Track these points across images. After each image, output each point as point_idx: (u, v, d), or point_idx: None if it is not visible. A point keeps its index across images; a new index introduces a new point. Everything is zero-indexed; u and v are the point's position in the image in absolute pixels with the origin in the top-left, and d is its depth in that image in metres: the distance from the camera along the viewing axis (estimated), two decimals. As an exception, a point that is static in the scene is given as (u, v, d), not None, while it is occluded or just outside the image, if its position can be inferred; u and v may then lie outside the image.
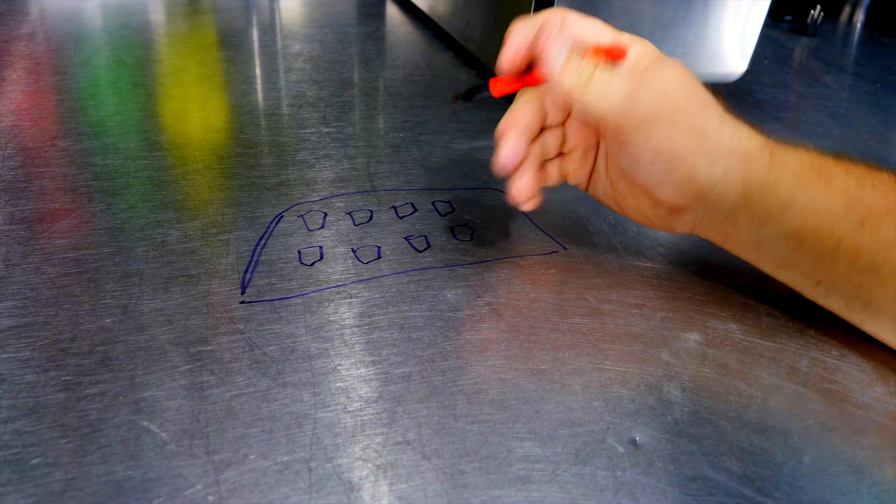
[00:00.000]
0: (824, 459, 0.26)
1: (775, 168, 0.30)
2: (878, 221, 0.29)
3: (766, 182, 0.30)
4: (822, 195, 0.29)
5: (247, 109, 0.54)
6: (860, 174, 0.30)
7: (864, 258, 0.29)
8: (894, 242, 0.28)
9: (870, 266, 0.29)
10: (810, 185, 0.30)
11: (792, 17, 0.94)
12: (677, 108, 0.30)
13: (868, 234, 0.29)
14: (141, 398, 0.26)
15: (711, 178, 0.30)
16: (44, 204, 0.39)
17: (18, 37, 0.66)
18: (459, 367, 0.29)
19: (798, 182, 0.30)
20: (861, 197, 0.29)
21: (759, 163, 0.30)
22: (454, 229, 0.39)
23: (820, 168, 0.30)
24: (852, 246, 0.29)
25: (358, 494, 0.23)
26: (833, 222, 0.29)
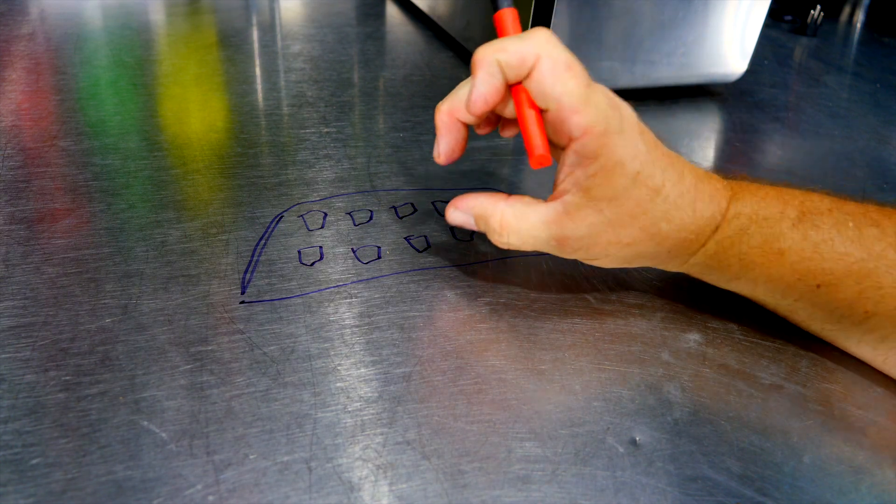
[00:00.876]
0: (824, 459, 0.26)
1: (719, 255, 0.30)
2: (836, 284, 0.28)
3: (708, 267, 0.31)
4: (771, 270, 0.29)
5: (247, 109, 0.54)
6: (819, 237, 0.28)
7: (822, 313, 0.30)
8: (854, 299, 0.28)
9: (830, 318, 0.30)
10: (756, 264, 0.29)
11: (792, 17, 0.94)
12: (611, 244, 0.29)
13: (825, 296, 0.29)
14: (141, 398, 0.26)
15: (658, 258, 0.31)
16: (44, 204, 0.39)
17: (18, 37, 0.66)
18: (459, 367, 0.29)
19: (743, 264, 0.30)
20: (817, 265, 0.28)
21: (701, 255, 0.30)
22: (454, 229, 0.39)
23: (771, 245, 0.29)
24: (810, 304, 0.30)
25: (358, 494, 0.23)
26: (785, 288, 0.30)
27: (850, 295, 0.28)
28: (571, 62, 0.28)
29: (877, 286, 0.28)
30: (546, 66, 0.28)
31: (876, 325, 0.29)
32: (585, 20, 0.53)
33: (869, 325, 0.29)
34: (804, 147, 0.55)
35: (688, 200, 0.29)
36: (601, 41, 0.55)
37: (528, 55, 0.28)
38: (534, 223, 0.30)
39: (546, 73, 0.28)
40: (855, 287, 0.28)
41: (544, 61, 0.28)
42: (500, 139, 0.51)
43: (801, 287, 0.29)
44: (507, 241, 0.31)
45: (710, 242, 0.30)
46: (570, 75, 0.28)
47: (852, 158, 0.54)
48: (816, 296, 0.29)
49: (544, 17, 0.53)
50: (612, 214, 0.28)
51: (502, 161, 0.48)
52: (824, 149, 0.55)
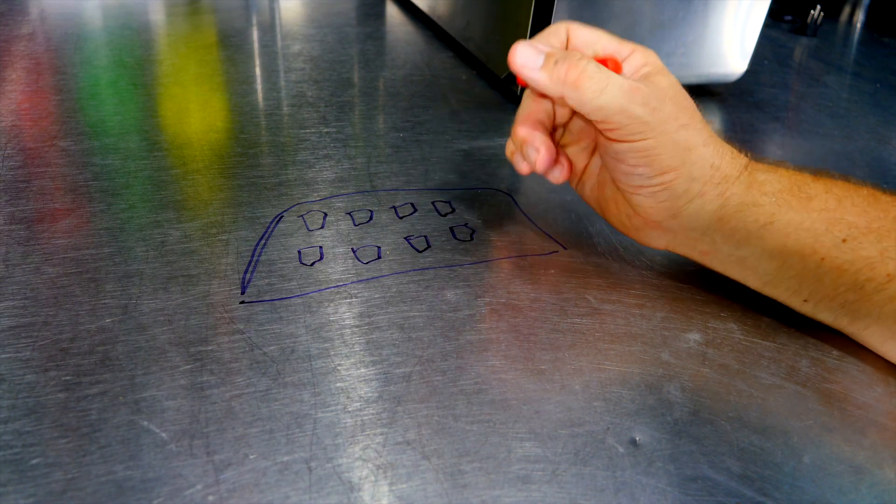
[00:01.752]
0: (824, 459, 0.26)
1: (753, 189, 0.30)
2: (859, 239, 0.29)
3: (744, 202, 0.30)
4: (802, 215, 0.30)
5: (247, 109, 0.54)
6: (840, 192, 0.30)
7: (847, 276, 0.29)
8: (877, 259, 0.29)
9: (853, 283, 0.30)
10: (790, 205, 0.30)
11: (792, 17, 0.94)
12: (668, 119, 0.30)
13: (850, 252, 0.29)
14: (141, 398, 0.26)
15: (688, 194, 0.31)
16: (44, 204, 0.39)
17: (18, 37, 0.66)
18: (459, 367, 0.29)
19: (777, 202, 0.30)
20: (841, 215, 0.29)
21: (738, 184, 0.31)
22: (454, 229, 0.39)
23: (800, 188, 0.30)
24: (835, 264, 0.29)
25: (358, 494, 0.23)
26: (814, 241, 0.30)
27: (873, 253, 0.29)
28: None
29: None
30: (578, 26, 0.34)
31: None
32: (585, 20, 0.53)
33: (890, 291, 0.29)
34: (804, 147, 0.55)
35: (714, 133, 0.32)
36: (601, 41, 0.55)
37: (558, 26, 0.34)
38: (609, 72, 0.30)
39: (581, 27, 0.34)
40: (877, 245, 0.28)
41: (574, 25, 0.34)
42: (501, 139, 0.51)
43: (829, 239, 0.29)
44: (585, 68, 0.29)
45: (744, 174, 0.31)
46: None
47: (852, 158, 0.54)
48: (842, 252, 0.29)
49: (544, 17, 0.53)
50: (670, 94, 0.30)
51: (502, 161, 0.48)
52: (824, 149, 0.55)
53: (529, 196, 0.44)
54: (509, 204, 0.43)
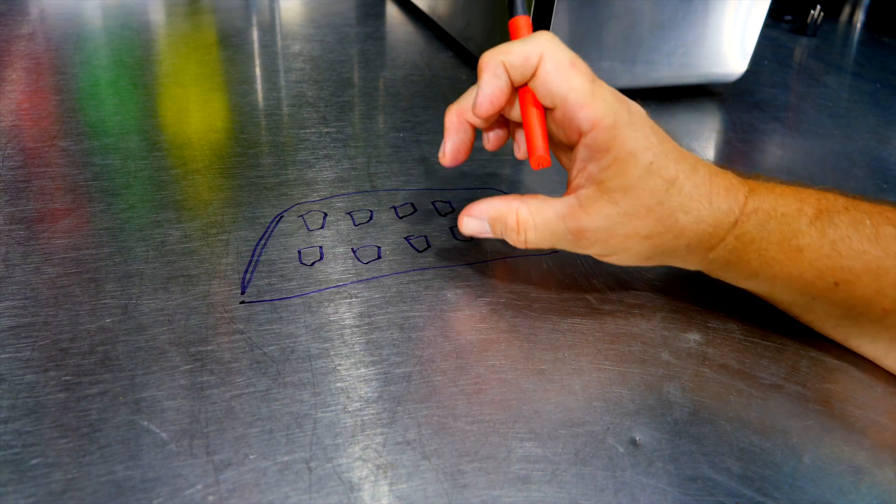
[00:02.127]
0: (824, 459, 0.26)
1: (739, 251, 0.30)
2: (854, 282, 0.28)
3: (728, 262, 0.30)
4: (790, 267, 0.29)
5: (247, 109, 0.54)
6: (836, 235, 0.28)
7: (839, 310, 0.30)
8: (873, 297, 0.28)
9: (847, 316, 0.30)
10: (778, 261, 0.29)
11: (792, 17, 0.94)
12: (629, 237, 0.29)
13: (843, 293, 0.29)
14: (141, 398, 0.26)
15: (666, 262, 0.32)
16: (44, 204, 0.39)
17: (18, 37, 0.66)
18: (459, 367, 0.29)
19: (763, 260, 0.29)
20: (835, 262, 0.28)
21: (721, 249, 0.30)
22: (454, 229, 0.39)
23: (790, 241, 0.29)
24: (827, 302, 0.30)
25: (358, 494, 0.23)
26: (803, 286, 0.30)
27: (868, 293, 0.28)
28: (575, 60, 0.29)
29: (894, 284, 0.28)
30: (550, 65, 0.28)
31: (893, 323, 0.29)
32: (585, 20, 0.53)
33: (885, 324, 0.29)
34: (804, 147, 0.55)
35: (703, 192, 0.29)
36: (601, 41, 0.55)
37: (531, 55, 0.28)
38: (550, 218, 0.30)
39: (551, 71, 0.28)
40: (872, 285, 0.28)
41: (548, 60, 0.28)
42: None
43: (820, 285, 0.29)
44: (525, 238, 0.31)
45: (729, 237, 0.29)
46: (575, 72, 0.28)
47: (852, 158, 0.54)
48: (834, 293, 0.29)
49: (544, 16, 0.53)
50: (628, 206, 0.28)
51: (502, 161, 0.48)
52: (824, 149, 0.55)
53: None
54: (509, 204, 0.42)
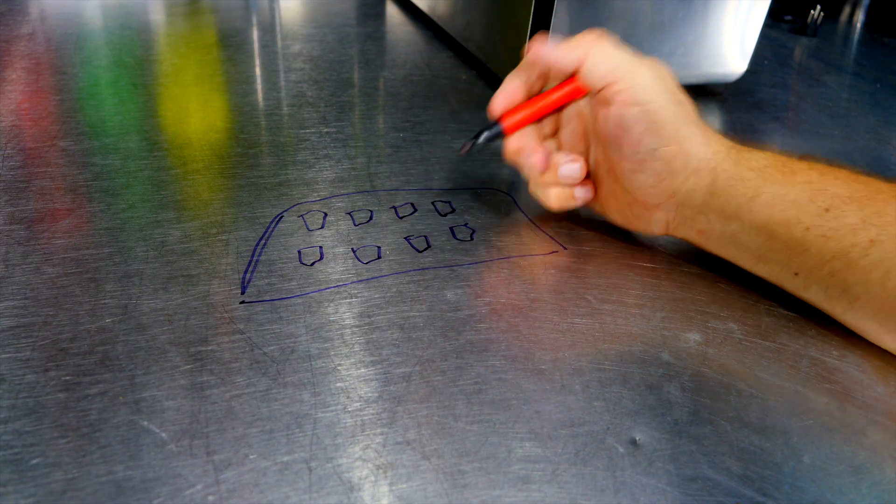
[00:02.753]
0: (824, 459, 0.26)
1: (741, 165, 0.33)
2: (842, 207, 0.30)
3: (732, 178, 0.32)
4: (786, 188, 0.31)
5: (247, 109, 0.54)
6: (823, 168, 0.32)
7: (832, 243, 0.30)
8: (859, 226, 0.30)
9: (839, 252, 0.30)
10: (774, 178, 0.32)
11: (792, 17, 0.94)
12: (671, 91, 0.33)
13: (834, 221, 0.30)
14: (141, 398, 0.26)
15: (685, 171, 0.33)
16: (44, 204, 0.39)
17: (18, 37, 0.66)
18: (459, 367, 0.29)
19: (762, 177, 0.32)
20: (824, 187, 0.31)
21: (727, 161, 0.33)
22: (454, 229, 0.39)
23: (783, 164, 0.32)
24: (819, 232, 0.30)
25: (358, 494, 0.23)
26: (799, 211, 0.31)
27: (855, 220, 0.30)
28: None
29: (878, 212, 0.29)
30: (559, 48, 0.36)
31: (881, 257, 0.29)
32: (585, 20, 0.53)
33: (874, 256, 0.29)
34: (804, 147, 0.55)
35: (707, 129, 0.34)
36: (601, 41, 0.55)
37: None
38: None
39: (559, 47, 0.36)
40: (859, 213, 0.30)
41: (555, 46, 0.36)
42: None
43: (813, 209, 0.30)
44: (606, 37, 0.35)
45: (732, 151, 0.33)
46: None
47: (852, 158, 0.54)
48: (826, 221, 0.30)
49: (544, 16, 0.53)
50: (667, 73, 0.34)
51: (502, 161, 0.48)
52: (824, 149, 0.55)
53: (529, 196, 0.44)
54: (509, 204, 0.43)
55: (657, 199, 0.34)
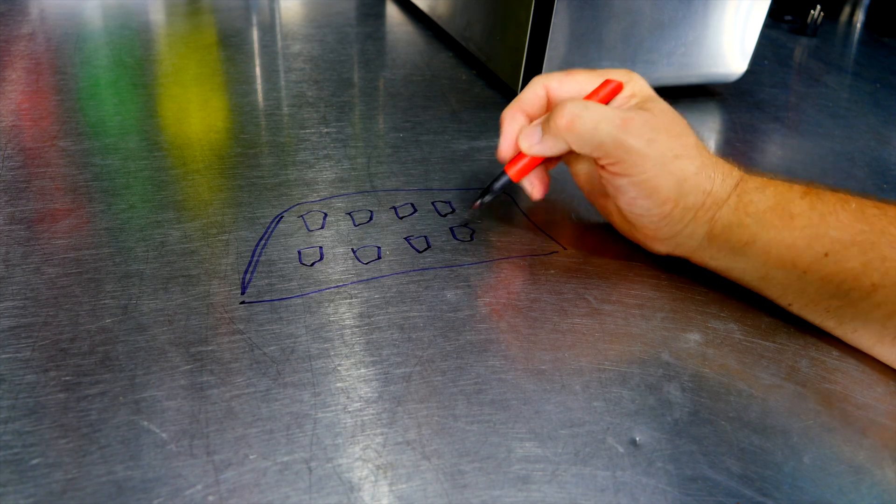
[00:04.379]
0: (824, 459, 0.26)
1: (739, 211, 0.32)
2: (842, 252, 0.29)
3: (730, 223, 0.32)
4: (783, 233, 0.31)
5: (247, 109, 0.54)
6: (825, 209, 0.30)
7: (830, 286, 0.30)
8: (860, 270, 0.29)
9: (837, 292, 0.30)
10: (771, 224, 0.31)
11: (792, 17, 0.94)
12: (664, 150, 0.32)
13: (833, 265, 0.30)
14: (141, 398, 0.26)
15: (683, 220, 0.33)
16: (44, 204, 0.39)
17: (18, 37, 0.66)
18: (459, 368, 0.29)
19: (760, 223, 0.31)
20: (824, 231, 0.30)
21: (726, 208, 0.32)
22: (454, 229, 0.39)
23: (784, 207, 0.31)
24: (818, 276, 0.30)
25: (358, 494, 0.23)
26: (795, 256, 0.30)
27: (857, 265, 0.29)
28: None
29: (882, 258, 0.29)
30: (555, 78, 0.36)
31: (883, 299, 0.29)
32: (585, 20, 0.53)
33: (876, 299, 0.29)
34: (804, 147, 0.55)
35: (707, 151, 0.33)
36: (601, 41, 0.55)
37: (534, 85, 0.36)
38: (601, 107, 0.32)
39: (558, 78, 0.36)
40: (861, 258, 0.29)
41: (552, 80, 0.36)
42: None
43: (810, 255, 0.30)
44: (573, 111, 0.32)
45: (732, 196, 0.32)
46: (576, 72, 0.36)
47: (852, 158, 0.54)
48: (824, 266, 0.30)
49: (544, 17, 0.53)
50: (662, 123, 0.32)
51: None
52: (824, 149, 0.55)
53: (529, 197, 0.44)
54: (509, 204, 0.43)
55: (658, 237, 0.35)
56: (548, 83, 0.35)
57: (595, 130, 0.31)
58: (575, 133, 0.32)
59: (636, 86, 0.35)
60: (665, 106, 0.34)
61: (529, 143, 0.34)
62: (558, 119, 0.32)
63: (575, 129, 0.32)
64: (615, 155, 0.31)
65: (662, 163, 0.31)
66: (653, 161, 0.31)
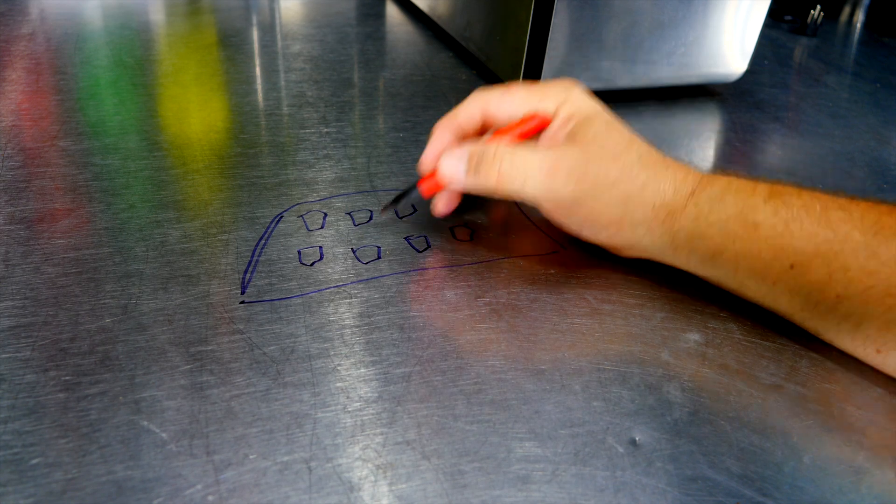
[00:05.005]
0: (824, 459, 0.26)
1: (700, 221, 0.31)
2: (806, 265, 0.29)
3: (692, 235, 0.31)
4: (749, 244, 0.30)
5: (247, 109, 0.54)
6: (788, 215, 0.29)
7: (799, 297, 0.30)
8: (825, 282, 0.29)
9: (807, 304, 0.30)
10: (737, 235, 0.30)
11: (792, 17, 0.94)
12: (598, 183, 0.31)
13: (800, 277, 0.29)
14: (141, 398, 0.26)
15: (636, 235, 0.33)
16: (44, 204, 0.39)
17: (18, 37, 0.66)
18: (459, 367, 0.29)
19: (723, 233, 0.30)
20: (789, 242, 0.29)
21: (684, 218, 0.31)
22: (454, 229, 0.39)
23: (746, 216, 0.30)
24: (787, 287, 0.30)
25: (358, 494, 0.23)
26: (764, 267, 0.30)
27: (821, 277, 0.29)
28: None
29: (844, 268, 0.28)
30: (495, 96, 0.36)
31: (848, 311, 0.29)
32: (585, 20, 0.53)
33: (842, 311, 0.29)
34: (804, 147, 0.55)
35: (659, 158, 0.33)
36: (601, 41, 0.55)
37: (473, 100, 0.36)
38: (527, 153, 0.32)
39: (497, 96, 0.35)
40: (824, 269, 0.28)
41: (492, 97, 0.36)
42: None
43: (777, 267, 0.30)
44: (500, 167, 0.31)
45: (689, 205, 0.31)
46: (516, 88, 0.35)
47: (852, 158, 0.54)
48: (791, 278, 0.29)
49: (544, 17, 0.53)
50: (596, 151, 0.31)
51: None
52: (824, 149, 0.55)
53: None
54: (509, 204, 0.43)
55: (617, 249, 0.35)
56: (486, 101, 0.35)
57: (523, 187, 0.31)
58: (504, 190, 0.32)
59: (573, 106, 0.33)
60: (601, 125, 0.32)
61: (451, 175, 0.34)
62: (487, 173, 0.32)
63: (503, 187, 0.32)
64: (549, 204, 0.32)
65: (598, 195, 0.31)
66: (589, 195, 0.31)
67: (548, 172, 0.31)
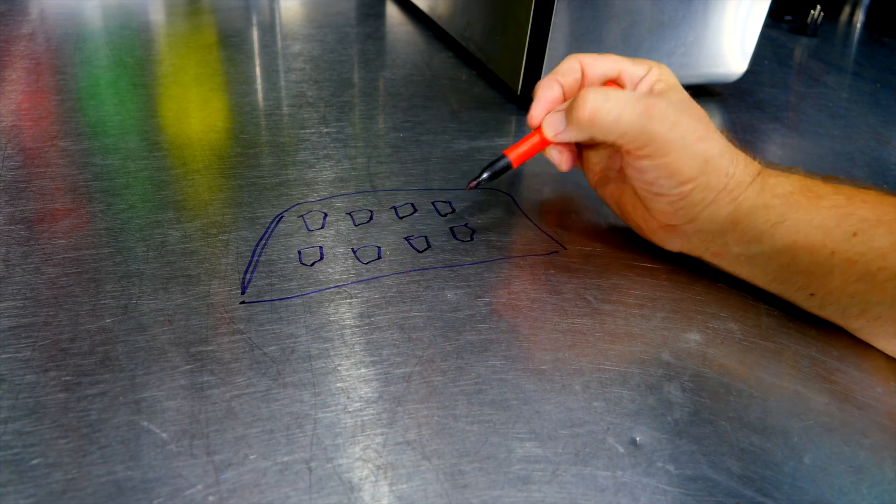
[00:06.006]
0: (824, 459, 0.26)
1: (765, 192, 0.32)
2: (870, 231, 0.29)
3: (755, 205, 0.32)
4: (812, 213, 0.31)
5: (247, 109, 0.54)
6: (850, 191, 0.31)
7: (857, 267, 0.30)
8: (889, 249, 0.29)
9: (864, 274, 0.30)
10: (800, 204, 0.31)
11: (792, 17, 0.94)
12: (687, 133, 0.32)
13: (861, 245, 0.30)
14: (141, 398, 0.26)
15: (704, 202, 0.32)
16: (44, 204, 0.39)
17: (18, 37, 0.66)
18: (459, 368, 0.29)
19: (788, 203, 0.31)
20: (852, 211, 0.30)
21: (751, 189, 0.32)
22: (454, 229, 0.39)
23: (810, 188, 0.32)
24: (846, 256, 0.30)
25: (358, 495, 0.23)
26: (825, 236, 0.30)
27: (885, 244, 0.29)
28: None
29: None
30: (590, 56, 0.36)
31: None
32: (585, 20, 0.53)
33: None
34: (804, 147, 0.55)
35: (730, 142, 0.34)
36: (601, 41, 0.55)
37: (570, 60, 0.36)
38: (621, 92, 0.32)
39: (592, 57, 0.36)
40: (889, 237, 0.29)
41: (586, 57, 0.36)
42: (501, 139, 0.51)
43: (839, 234, 0.30)
44: (595, 102, 0.32)
45: (756, 181, 0.32)
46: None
47: (852, 158, 0.54)
48: (853, 245, 0.30)
49: (544, 17, 0.53)
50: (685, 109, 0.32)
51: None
52: (824, 149, 0.55)
53: (529, 196, 0.44)
54: (509, 204, 0.43)
55: (675, 222, 0.34)
56: (583, 58, 0.36)
57: (618, 121, 0.31)
58: (598, 125, 0.32)
59: (664, 72, 0.35)
60: (687, 95, 0.34)
61: (554, 131, 0.35)
62: (580, 111, 0.32)
63: (597, 121, 0.32)
64: (640, 141, 0.32)
65: (686, 145, 0.31)
66: (677, 144, 0.31)
67: (642, 111, 0.31)
